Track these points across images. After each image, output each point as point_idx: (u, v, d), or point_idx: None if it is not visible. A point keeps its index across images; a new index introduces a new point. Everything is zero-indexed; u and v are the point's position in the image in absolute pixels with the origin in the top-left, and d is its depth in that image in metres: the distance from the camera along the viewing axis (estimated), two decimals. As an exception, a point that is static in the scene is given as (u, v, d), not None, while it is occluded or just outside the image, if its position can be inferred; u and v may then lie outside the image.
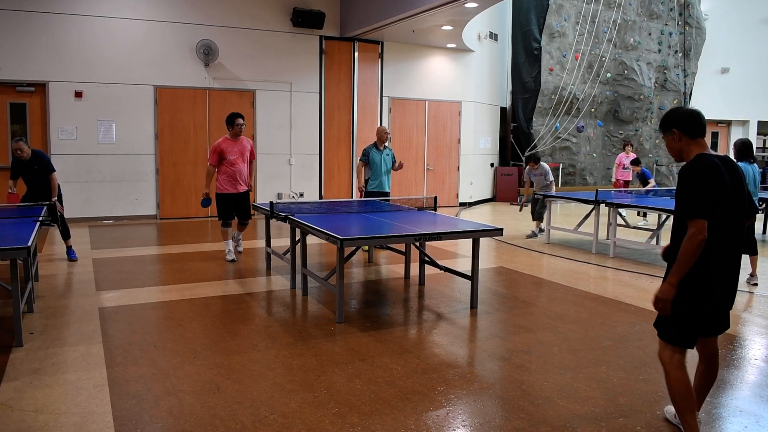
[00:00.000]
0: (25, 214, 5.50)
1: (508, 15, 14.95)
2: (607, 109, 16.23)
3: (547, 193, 9.11)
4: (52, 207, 6.31)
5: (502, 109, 15.43)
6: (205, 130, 10.76)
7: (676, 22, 16.95)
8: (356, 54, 11.98)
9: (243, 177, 7.13)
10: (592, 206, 8.45)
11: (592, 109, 15.79)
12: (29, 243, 4.10)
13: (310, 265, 6.73)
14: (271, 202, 6.11)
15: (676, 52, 17.06)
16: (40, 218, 5.16)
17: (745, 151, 6.20)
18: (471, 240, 5.30)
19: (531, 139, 14.73)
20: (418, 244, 5.72)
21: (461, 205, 13.57)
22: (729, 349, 4.34)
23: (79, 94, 9.79)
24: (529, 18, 14.51)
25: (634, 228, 9.28)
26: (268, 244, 6.80)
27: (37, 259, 6.09)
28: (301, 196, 11.69)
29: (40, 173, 6.70)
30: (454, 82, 13.25)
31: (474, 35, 13.05)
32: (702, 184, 2.71)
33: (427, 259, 5.85)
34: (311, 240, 7.31)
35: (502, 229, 5.31)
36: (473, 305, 5.30)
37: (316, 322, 4.84)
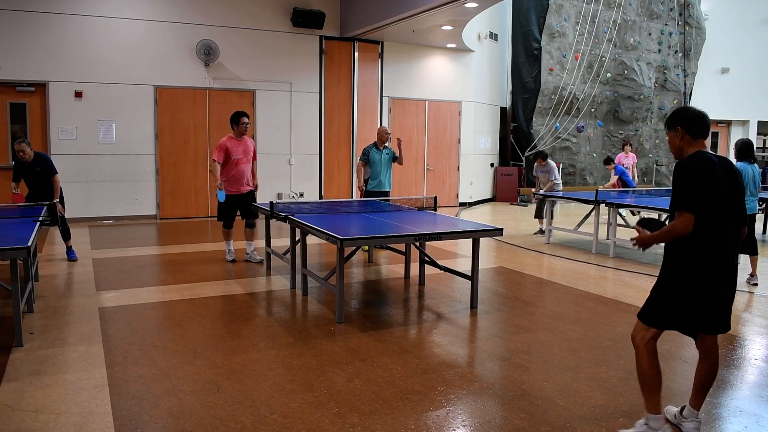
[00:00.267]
0: (25, 214, 5.50)
1: (508, 15, 14.95)
2: (607, 109, 16.23)
3: (547, 193, 9.12)
4: (52, 207, 6.30)
5: (502, 109, 15.43)
6: (205, 130, 10.76)
7: (676, 22, 16.95)
8: (356, 54, 11.98)
9: (247, 177, 7.05)
10: (592, 206, 8.47)
11: (592, 109, 15.79)
12: (29, 243, 4.10)
13: (310, 265, 6.73)
14: (271, 202, 6.11)
15: (676, 52, 17.06)
16: (40, 218, 5.16)
17: (745, 152, 6.20)
18: (471, 240, 5.30)
19: (531, 139, 14.73)
20: (418, 244, 5.72)
21: (461, 205, 13.57)
22: (729, 349, 4.34)
23: (79, 94, 9.79)
24: (529, 18, 14.50)
25: (635, 228, 9.26)
26: (268, 244, 6.80)
27: (37, 259, 6.09)
28: (301, 196, 11.69)
29: (42, 175, 6.67)
30: (454, 82, 13.25)
31: (474, 35, 13.05)
32: (694, 179, 2.74)
33: (427, 259, 5.85)
34: (311, 240, 7.30)
35: (502, 229, 5.31)
36: (473, 305, 5.30)
37: (316, 322, 4.84)
